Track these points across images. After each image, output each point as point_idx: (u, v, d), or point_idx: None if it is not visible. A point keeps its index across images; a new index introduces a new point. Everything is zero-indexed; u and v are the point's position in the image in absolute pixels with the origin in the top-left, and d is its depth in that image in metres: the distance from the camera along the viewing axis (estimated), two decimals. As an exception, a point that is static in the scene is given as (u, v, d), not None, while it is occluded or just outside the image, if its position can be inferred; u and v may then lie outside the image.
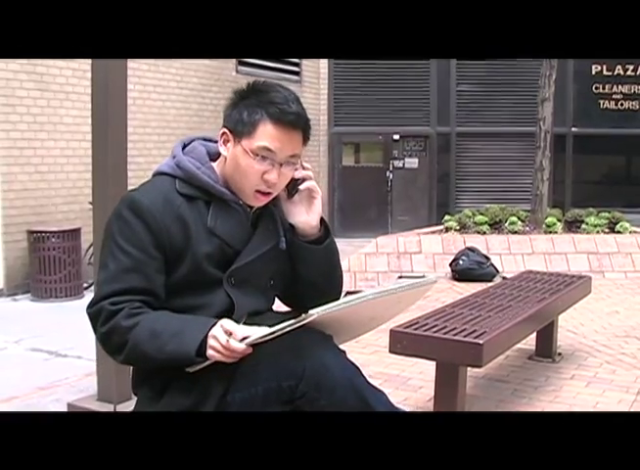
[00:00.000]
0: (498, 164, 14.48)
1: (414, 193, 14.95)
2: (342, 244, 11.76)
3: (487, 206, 10.14)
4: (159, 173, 2.18)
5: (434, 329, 3.63)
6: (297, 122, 2.07)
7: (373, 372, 4.70)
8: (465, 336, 3.51)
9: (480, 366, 3.59)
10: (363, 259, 8.77)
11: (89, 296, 2.23)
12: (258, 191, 2.12)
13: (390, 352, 3.68)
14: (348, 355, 2.04)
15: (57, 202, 9.04)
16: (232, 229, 2.13)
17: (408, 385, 4.57)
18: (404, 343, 3.60)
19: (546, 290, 4.75)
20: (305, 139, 2.14)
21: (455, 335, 3.54)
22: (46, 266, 8.36)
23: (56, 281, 8.37)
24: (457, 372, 3.60)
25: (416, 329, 3.65)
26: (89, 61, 4.13)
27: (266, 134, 2.06)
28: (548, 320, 4.66)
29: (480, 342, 3.40)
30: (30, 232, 8.48)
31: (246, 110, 2.08)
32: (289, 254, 2.27)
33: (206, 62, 11.60)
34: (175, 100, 11.08)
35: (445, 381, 3.66)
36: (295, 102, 2.09)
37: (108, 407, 3.92)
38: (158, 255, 2.03)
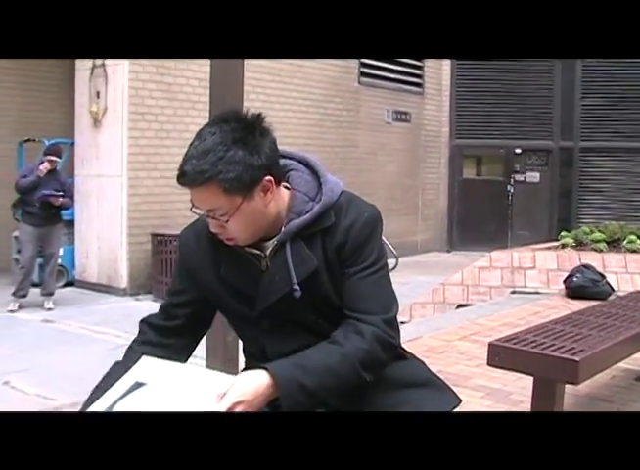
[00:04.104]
0: (623, 179, 14.14)
1: (535, 208, 14.79)
2: (459, 256, 11.72)
3: (606, 223, 9.91)
4: None
5: (533, 344, 3.63)
6: (184, 183, 1.82)
7: (475, 385, 4.72)
8: (562, 352, 3.51)
9: (576, 383, 3.57)
10: (476, 273, 8.74)
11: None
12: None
13: (489, 364, 3.70)
14: (454, 367, 1.94)
15: (179, 207, 9.35)
16: (242, 275, 1.99)
17: (509, 399, 4.56)
18: (502, 356, 3.62)
19: (655, 310, 4.65)
20: (226, 190, 1.80)
21: (552, 351, 3.53)
22: (167, 268, 8.72)
23: (176, 282, 8.69)
24: (554, 388, 3.59)
25: (514, 343, 3.66)
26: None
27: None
28: (656, 341, 4.57)
29: (577, 359, 3.38)
30: (154, 235, 8.86)
31: None
32: (334, 289, 1.98)
33: (329, 73, 11.81)
34: (297, 110, 11.33)
35: (543, 396, 3.65)
36: (198, 157, 1.80)
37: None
38: (188, 286, 2.10)
